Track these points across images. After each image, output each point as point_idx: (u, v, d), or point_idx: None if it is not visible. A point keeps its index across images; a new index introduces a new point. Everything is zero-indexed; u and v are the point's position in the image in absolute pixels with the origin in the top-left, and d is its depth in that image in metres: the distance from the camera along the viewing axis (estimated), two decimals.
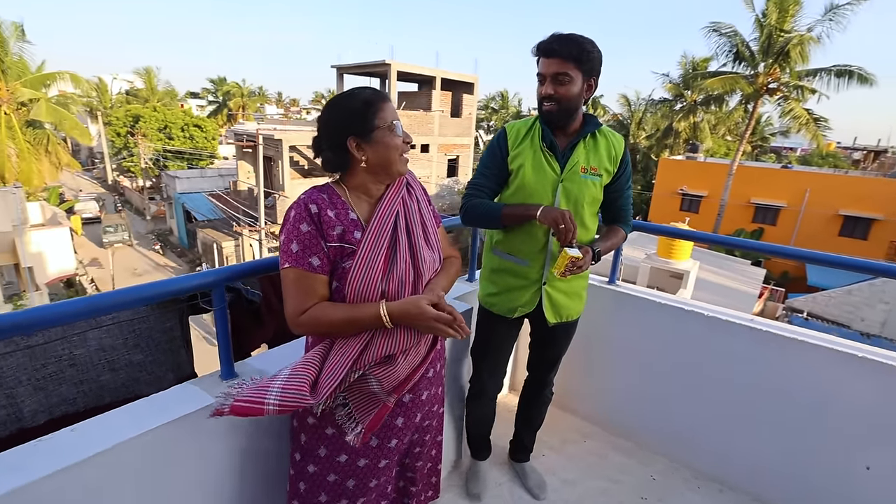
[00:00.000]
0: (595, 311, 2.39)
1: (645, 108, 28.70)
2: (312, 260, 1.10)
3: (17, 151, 17.53)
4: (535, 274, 1.68)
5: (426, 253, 1.23)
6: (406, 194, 1.26)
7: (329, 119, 1.13)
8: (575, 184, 1.59)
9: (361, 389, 1.16)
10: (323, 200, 1.13)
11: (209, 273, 1.21)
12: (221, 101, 46.34)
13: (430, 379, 1.35)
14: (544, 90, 1.52)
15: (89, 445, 1.03)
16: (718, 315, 2.05)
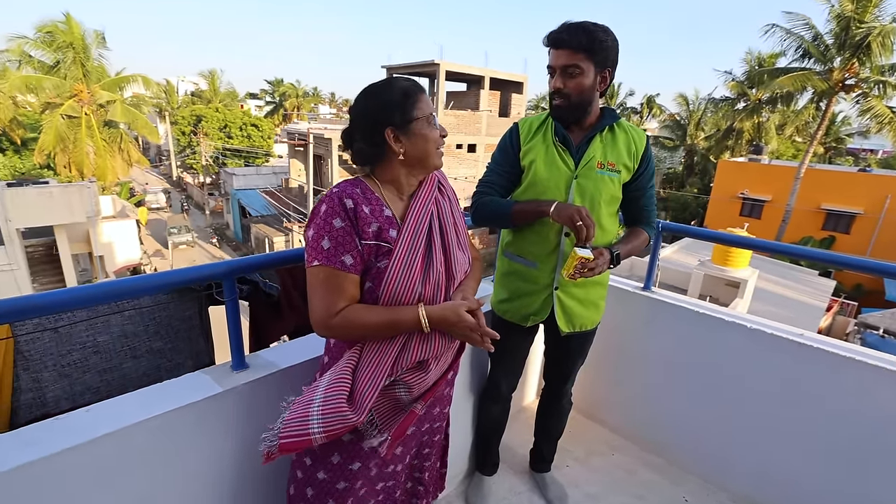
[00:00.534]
0: (628, 318, 2.27)
1: (705, 108, 27.21)
2: (346, 258, 1.03)
3: (94, 149, 19.15)
4: (545, 278, 1.58)
5: (459, 255, 1.19)
6: (438, 193, 1.20)
7: (366, 109, 1.07)
8: (590, 180, 1.49)
9: (387, 395, 1.13)
10: (357, 195, 1.07)
11: (220, 264, 1.23)
12: (278, 101, 48.45)
13: (448, 381, 1.31)
14: (553, 84, 1.44)
15: (100, 426, 1.07)
16: (763, 328, 1.88)
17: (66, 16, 18.78)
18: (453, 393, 1.45)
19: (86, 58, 19.25)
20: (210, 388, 1.25)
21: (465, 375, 1.96)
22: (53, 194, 11.81)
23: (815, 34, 15.80)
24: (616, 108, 33.62)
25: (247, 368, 1.36)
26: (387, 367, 1.07)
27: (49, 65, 18.93)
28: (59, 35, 18.67)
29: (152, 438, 1.13)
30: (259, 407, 1.32)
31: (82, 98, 18.90)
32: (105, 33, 19.93)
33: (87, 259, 14.77)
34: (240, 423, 1.29)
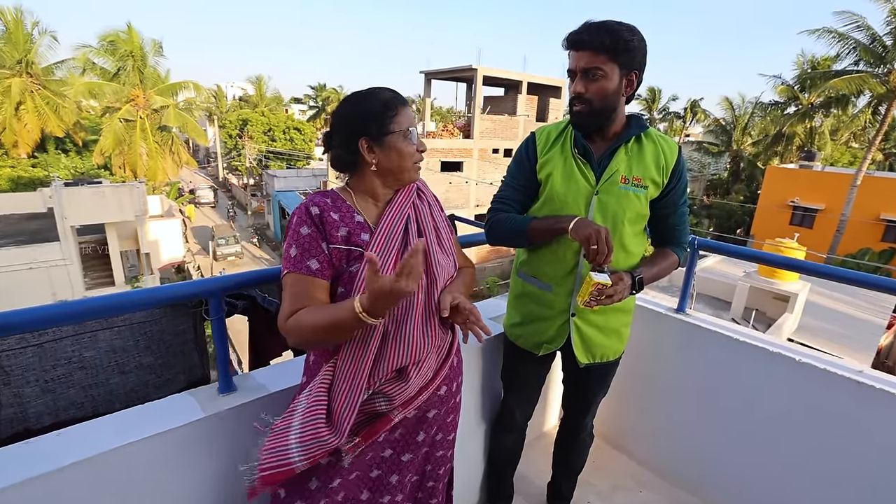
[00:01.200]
0: (659, 342, 2.07)
1: (752, 112, 25.87)
2: (311, 263, 1.03)
3: (147, 151, 20.21)
4: (561, 303, 1.43)
5: (440, 257, 1.16)
6: (417, 198, 1.19)
7: (344, 116, 1.09)
8: (613, 196, 1.34)
9: (366, 411, 1.07)
10: (325, 204, 1.08)
11: (207, 282, 1.17)
12: (320, 105, 49.77)
13: (442, 398, 1.21)
14: (574, 88, 1.29)
15: (70, 453, 1.01)
16: (813, 362, 1.65)
17: (128, 26, 19.95)
18: (459, 418, 1.34)
19: (143, 65, 20.40)
20: (192, 412, 1.18)
21: (475, 401, 1.83)
22: (105, 193, 12.49)
23: (871, 35, 14.69)
24: (658, 113, 32.64)
25: (234, 391, 1.29)
26: (362, 381, 1.02)
27: (111, 72, 20.16)
28: (120, 44, 19.87)
29: (127, 467, 1.07)
30: (244, 434, 1.24)
31: (138, 103, 20.00)
32: (163, 42, 21.10)
33: (134, 255, 15.55)
34: (223, 452, 1.22)
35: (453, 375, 1.24)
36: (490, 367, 1.83)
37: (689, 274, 1.99)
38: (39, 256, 11.94)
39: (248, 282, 1.25)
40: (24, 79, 18.71)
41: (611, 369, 1.60)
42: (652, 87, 32.07)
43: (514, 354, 1.62)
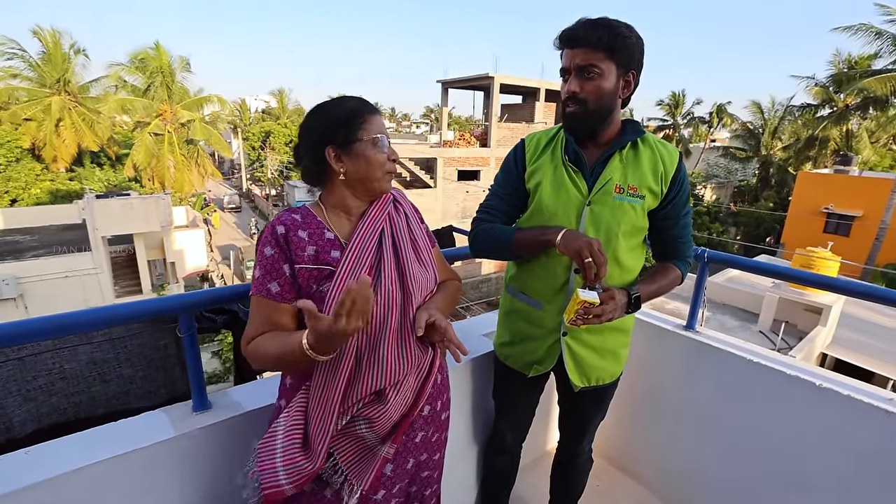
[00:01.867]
0: (666, 360, 1.96)
1: (782, 116, 25.05)
2: (271, 286, 1.00)
3: (174, 163, 20.89)
4: (550, 321, 1.34)
5: (417, 271, 1.10)
6: (393, 209, 1.14)
7: (310, 125, 1.06)
8: (606, 207, 1.24)
9: (348, 434, 1.02)
10: (294, 221, 1.04)
11: (176, 298, 1.14)
12: None
13: (426, 418, 1.15)
14: (567, 88, 1.21)
15: (34, 472, 0.99)
16: (836, 388, 1.52)
17: (155, 44, 20.80)
18: (447, 436, 1.27)
19: (171, 81, 21.20)
20: (162, 431, 1.15)
21: (466, 420, 1.76)
22: (133, 205, 12.92)
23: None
24: (682, 118, 31.94)
25: (209, 409, 1.25)
26: (335, 405, 0.97)
27: (141, 88, 21.02)
28: (150, 61, 20.71)
29: (90, 488, 1.04)
30: (216, 454, 1.20)
31: (166, 117, 20.74)
32: (190, 58, 21.91)
33: (161, 264, 16.01)
34: (193, 473, 1.18)
35: (437, 394, 1.18)
36: (483, 384, 1.75)
37: (698, 289, 1.87)
38: (74, 265, 12.41)
39: (219, 298, 1.22)
40: (62, 97, 19.66)
41: (608, 392, 1.50)
42: (675, 92, 31.46)
43: (504, 374, 1.54)
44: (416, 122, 73.26)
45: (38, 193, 19.68)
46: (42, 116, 19.16)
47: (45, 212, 16.53)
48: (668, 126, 32.35)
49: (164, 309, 1.15)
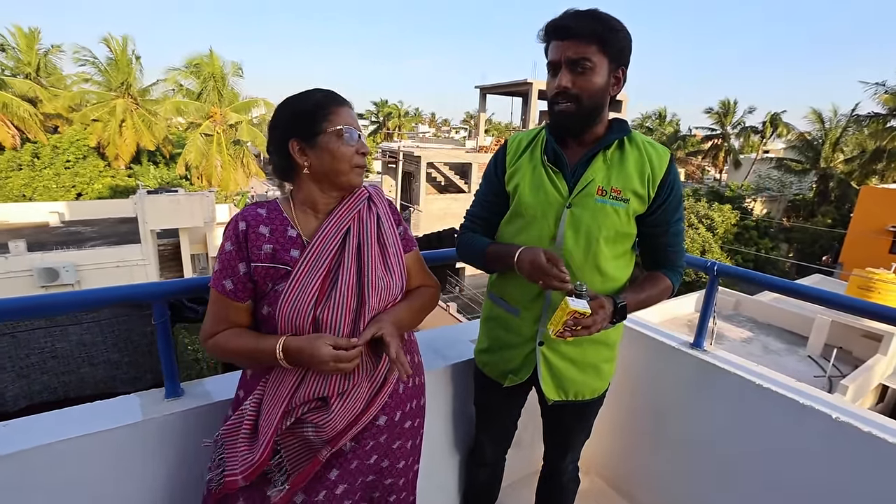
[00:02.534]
0: (672, 380, 1.83)
1: (845, 125, 23.42)
2: (226, 283, 1.01)
3: (221, 163, 21.93)
4: (527, 329, 1.28)
5: (379, 277, 1.06)
6: (364, 208, 1.10)
7: (275, 119, 1.04)
8: (587, 210, 1.17)
9: (296, 435, 1.01)
10: (257, 216, 1.03)
11: (150, 286, 1.17)
12: (381, 121, 51.70)
13: (381, 427, 1.11)
14: (557, 82, 1.12)
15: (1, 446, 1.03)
16: (857, 423, 1.36)
17: (209, 50, 21.98)
18: (416, 445, 1.24)
19: (222, 85, 22.32)
20: (130, 415, 1.17)
21: (446, 429, 1.71)
22: (180, 201, 13.62)
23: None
24: (732, 128, 30.47)
25: (180, 396, 1.27)
26: (284, 399, 0.98)
27: (195, 92, 22.27)
28: (203, 66, 21.91)
29: (54, 465, 1.08)
30: (182, 441, 1.22)
31: (216, 119, 21.82)
32: (243, 64, 23.03)
33: (203, 258, 16.78)
34: (159, 457, 1.20)
35: (396, 404, 1.14)
36: (465, 391, 1.70)
37: (707, 304, 1.75)
38: (125, 256, 13.20)
39: (192, 288, 1.24)
40: (125, 100, 21.07)
41: (591, 409, 1.41)
42: (725, 100, 30.07)
43: (482, 384, 1.48)
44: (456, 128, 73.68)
45: (100, 188, 21.12)
46: (107, 117, 20.59)
47: (104, 205, 17.72)
48: (717, 136, 30.93)
49: (136, 295, 1.18)
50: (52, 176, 20.26)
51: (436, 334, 1.85)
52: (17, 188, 19.83)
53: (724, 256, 16.96)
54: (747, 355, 8.81)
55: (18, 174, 19.85)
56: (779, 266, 19.01)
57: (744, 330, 10.37)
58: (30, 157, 20.00)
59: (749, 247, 18.06)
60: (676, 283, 1.29)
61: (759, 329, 10.57)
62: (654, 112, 42.72)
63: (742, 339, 9.90)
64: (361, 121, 57.13)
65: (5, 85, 19.69)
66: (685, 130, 39.52)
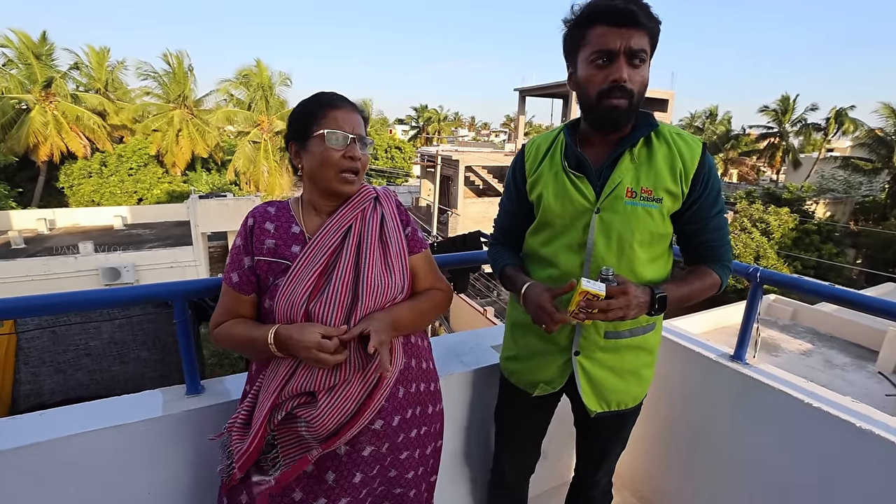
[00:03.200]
0: (711, 395, 1.71)
1: None
2: (233, 276, 1.06)
3: (268, 169, 22.88)
4: (563, 338, 1.21)
5: (377, 275, 1.05)
6: (369, 207, 1.11)
7: (288, 121, 1.10)
8: (618, 214, 1.09)
9: (291, 430, 1.01)
10: (265, 213, 1.08)
11: (169, 285, 1.20)
12: (421, 125, 52.32)
13: (378, 433, 1.07)
14: (616, 74, 1.00)
15: (29, 435, 1.09)
16: None
17: (257, 62, 23.03)
18: (429, 454, 1.20)
19: (270, 94, 23.33)
20: (153, 410, 1.21)
21: (460, 435, 1.68)
22: (228, 205, 14.31)
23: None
24: (791, 125, 28.58)
25: (201, 393, 1.30)
26: (274, 392, 0.99)
27: (245, 102, 23.41)
28: (252, 77, 23.00)
29: (81, 454, 1.13)
30: (200, 437, 1.24)
31: (263, 127, 22.82)
32: (292, 74, 24.10)
33: None
34: (178, 451, 1.24)
35: (395, 409, 1.09)
36: (485, 398, 1.65)
37: (749, 314, 1.61)
38: (178, 257, 14.00)
39: (211, 287, 1.27)
40: (182, 110, 22.44)
41: (628, 419, 1.34)
42: (784, 95, 28.25)
43: (508, 394, 1.42)
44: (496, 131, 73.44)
45: (158, 193, 22.55)
46: (166, 127, 21.99)
47: (161, 209, 18.90)
48: (774, 134, 29.12)
49: (158, 294, 1.22)
50: (117, 182, 21.85)
51: (457, 339, 1.81)
52: (87, 194, 21.52)
53: (781, 263, 15.83)
54: (807, 369, 8.19)
55: (88, 181, 21.54)
56: (844, 273, 17.59)
57: (803, 342, 9.63)
58: (98, 166, 21.67)
59: (810, 252, 16.79)
60: (725, 279, 1.18)
61: (820, 341, 9.79)
62: (705, 110, 40.82)
63: (801, 351, 9.20)
64: (401, 126, 57.97)
65: (79, 100, 21.42)
66: (738, 129, 37.51)
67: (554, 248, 1.18)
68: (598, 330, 1.18)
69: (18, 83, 20.43)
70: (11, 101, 19.55)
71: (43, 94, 20.13)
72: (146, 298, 1.26)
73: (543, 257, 1.21)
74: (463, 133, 60.57)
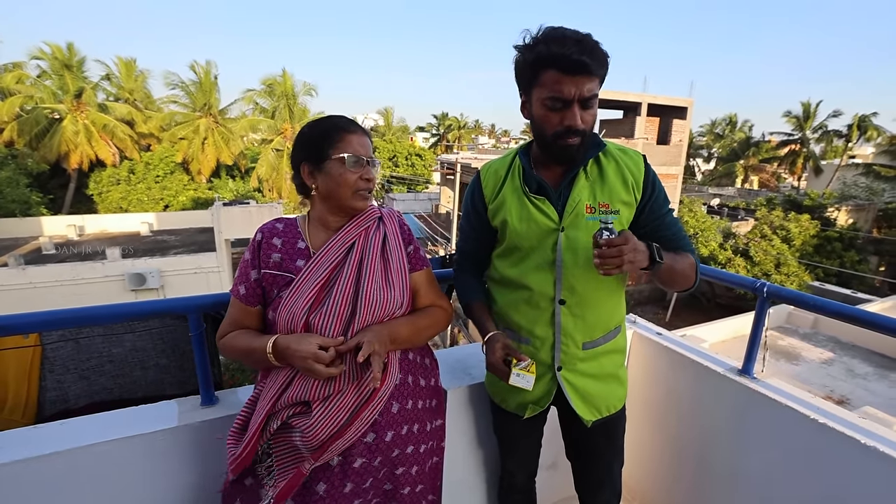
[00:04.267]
0: (716, 409, 1.70)
1: None
2: (240, 288, 1.12)
3: (291, 175, 23.37)
4: (544, 357, 1.25)
5: (376, 290, 1.10)
6: (373, 226, 1.17)
7: (294, 143, 1.15)
8: (581, 230, 1.17)
9: (286, 439, 1.06)
10: (274, 229, 1.14)
11: (185, 299, 1.26)
12: (442, 133, 52.61)
13: (370, 445, 1.09)
14: (571, 121, 1.08)
15: (50, 444, 1.15)
16: None
17: (283, 71, 23.63)
18: (423, 470, 1.21)
19: (293, 103, 23.88)
20: (169, 420, 1.27)
21: (467, 448, 1.69)
22: (251, 212, 14.62)
23: None
24: (813, 132, 27.81)
25: (215, 404, 1.36)
26: (270, 400, 1.03)
27: (269, 110, 24.01)
28: (276, 87, 23.59)
29: (99, 463, 1.18)
30: (213, 446, 1.29)
31: (286, 135, 23.32)
32: (317, 86, 24.69)
33: None
34: (193, 461, 1.29)
35: (389, 424, 1.11)
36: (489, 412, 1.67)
37: (757, 328, 1.60)
38: (202, 263, 14.36)
39: (223, 302, 1.32)
40: (208, 119, 23.11)
41: (618, 424, 1.36)
42: (806, 102, 27.53)
43: (499, 415, 1.45)
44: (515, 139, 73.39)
45: (184, 200, 23.21)
46: (192, 136, 22.67)
47: (187, 216, 19.43)
48: (795, 141, 28.39)
49: (174, 308, 1.29)
50: (145, 190, 22.57)
51: (466, 351, 1.84)
52: (116, 201, 22.27)
53: (802, 270, 15.34)
54: (828, 378, 7.93)
55: (117, 188, 22.31)
56: (867, 282, 16.94)
57: (824, 350, 9.33)
58: (126, 173, 22.43)
59: (832, 260, 16.23)
60: (697, 262, 1.25)
61: (842, 350, 9.46)
62: (725, 118, 40.05)
63: (822, 360, 8.92)
64: (423, 133, 58.38)
65: (108, 109, 22.27)
66: (758, 136, 36.61)
67: (524, 269, 1.23)
68: (576, 342, 1.23)
69: (52, 94, 21.36)
70: (45, 111, 20.45)
71: (74, 104, 20.98)
72: (164, 312, 1.33)
73: (513, 280, 1.26)
74: (483, 140, 60.69)
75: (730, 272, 2.48)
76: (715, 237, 16.35)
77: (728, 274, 1.81)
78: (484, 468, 1.76)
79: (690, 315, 16.98)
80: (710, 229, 16.44)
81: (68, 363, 1.45)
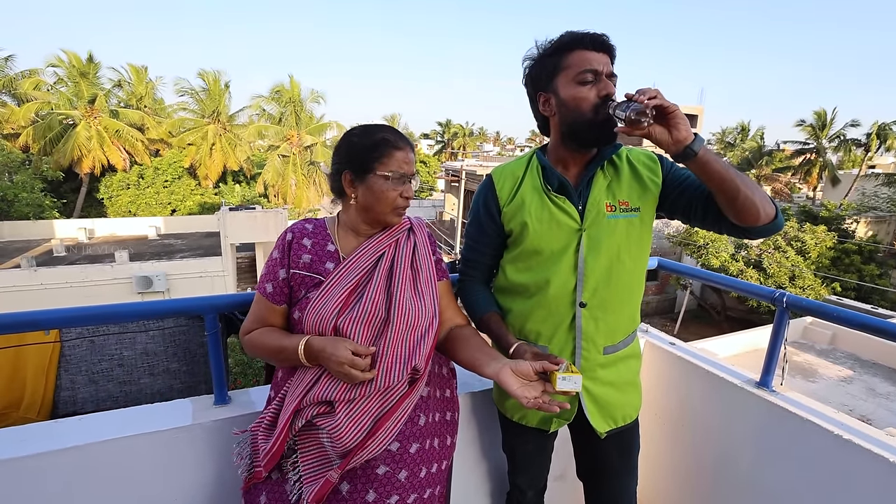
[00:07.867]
0: (733, 422, 1.67)
1: None
2: (267, 286, 1.12)
3: (296, 182, 23.49)
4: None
5: (407, 299, 1.09)
6: (404, 237, 1.17)
7: (339, 146, 1.14)
8: (603, 229, 1.15)
9: (311, 436, 1.06)
10: (303, 230, 1.15)
11: (200, 299, 1.26)
12: (446, 140, 52.86)
13: (393, 454, 1.09)
14: (605, 89, 1.06)
15: (67, 438, 1.16)
16: None
17: (290, 77, 23.87)
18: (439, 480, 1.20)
19: (300, 109, 24.08)
20: (183, 418, 1.27)
21: (476, 455, 1.67)
22: (257, 217, 14.72)
23: None
24: (829, 140, 27.64)
25: (227, 404, 1.35)
26: (297, 397, 1.03)
27: (276, 117, 24.23)
28: (284, 93, 23.82)
29: (114, 458, 1.19)
30: (226, 444, 1.29)
31: (292, 141, 23.50)
32: (325, 93, 24.89)
33: None
34: (205, 459, 1.28)
35: (415, 435, 1.11)
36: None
37: (776, 339, 1.57)
38: (207, 267, 14.43)
39: (241, 302, 1.32)
40: (216, 125, 23.35)
41: (632, 437, 1.33)
42: (820, 110, 27.40)
43: (513, 432, 1.40)
44: (521, 146, 73.59)
45: (191, 205, 23.39)
46: (200, 141, 22.90)
47: (193, 221, 19.59)
48: (810, 150, 28.24)
49: (190, 308, 1.28)
50: (153, 194, 22.79)
51: None
52: (125, 205, 22.50)
53: (818, 284, 15.09)
54: (847, 397, 7.77)
55: (126, 192, 22.54)
56: (888, 296, 16.71)
57: (842, 368, 9.16)
58: (136, 178, 22.67)
59: (850, 273, 15.99)
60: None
61: (862, 367, 9.29)
62: (737, 125, 39.96)
63: (840, 378, 8.75)
64: (428, 140, 58.70)
65: (119, 115, 22.56)
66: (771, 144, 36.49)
67: (541, 273, 1.19)
68: (598, 347, 1.21)
69: (67, 100, 21.69)
70: (59, 117, 20.75)
71: (88, 110, 21.29)
72: (180, 311, 1.33)
73: (527, 285, 1.21)
74: (488, 148, 60.89)
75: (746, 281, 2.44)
76: (726, 248, 16.15)
77: (745, 283, 1.78)
78: (489, 481, 1.72)
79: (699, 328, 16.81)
80: (721, 240, 16.27)
81: (81, 364, 1.45)
